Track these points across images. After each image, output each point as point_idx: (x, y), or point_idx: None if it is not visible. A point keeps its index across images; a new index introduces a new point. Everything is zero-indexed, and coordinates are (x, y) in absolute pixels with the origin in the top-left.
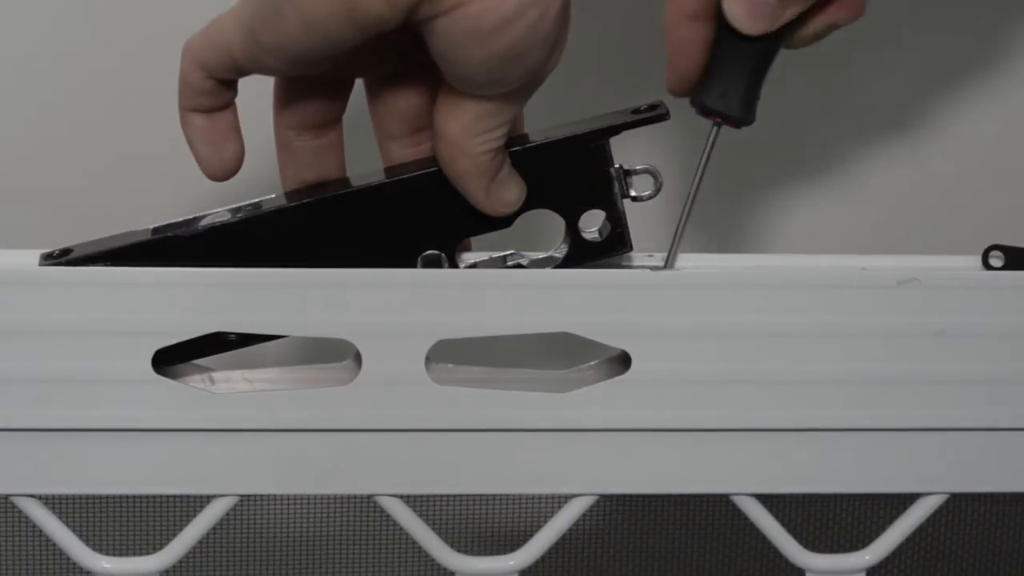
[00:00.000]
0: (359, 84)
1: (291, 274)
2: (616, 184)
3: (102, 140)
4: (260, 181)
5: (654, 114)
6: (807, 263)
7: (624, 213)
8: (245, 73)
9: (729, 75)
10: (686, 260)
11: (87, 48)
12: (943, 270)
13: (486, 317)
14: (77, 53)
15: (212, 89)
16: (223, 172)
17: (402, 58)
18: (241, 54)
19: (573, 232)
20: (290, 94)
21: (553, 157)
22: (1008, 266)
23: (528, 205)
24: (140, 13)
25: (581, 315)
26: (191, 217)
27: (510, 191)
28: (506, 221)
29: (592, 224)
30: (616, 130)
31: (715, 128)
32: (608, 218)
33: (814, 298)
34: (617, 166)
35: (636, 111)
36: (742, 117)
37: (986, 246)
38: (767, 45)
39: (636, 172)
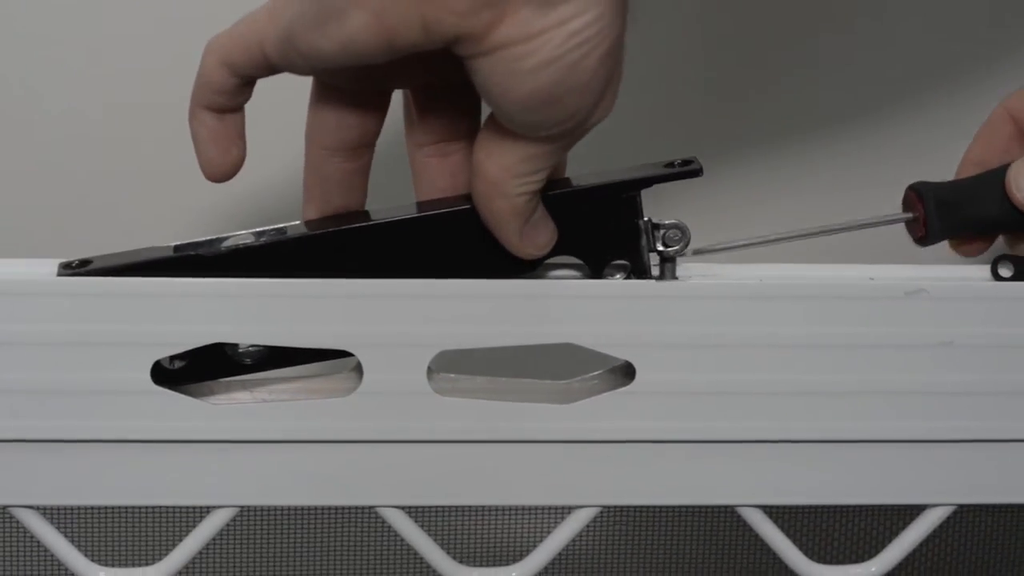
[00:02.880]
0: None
1: (292, 285)
2: (644, 237)
3: (133, 152)
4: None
5: (687, 169)
6: (814, 273)
7: (650, 266)
8: (274, 71)
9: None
10: (691, 270)
11: (117, 63)
12: (952, 280)
13: (489, 327)
14: (108, 68)
15: (232, 88)
16: (223, 175)
17: (436, 72)
18: (275, 52)
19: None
20: (326, 111)
21: (583, 204)
22: (1017, 276)
23: (555, 250)
24: (168, 28)
25: (585, 326)
26: (214, 237)
27: (542, 234)
28: (530, 265)
29: (617, 274)
30: (648, 182)
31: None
32: (633, 270)
33: (821, 308)
34: (646, 219)
35: (669, 165)
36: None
37: (995, 256)
38: None
39: (665, 227)
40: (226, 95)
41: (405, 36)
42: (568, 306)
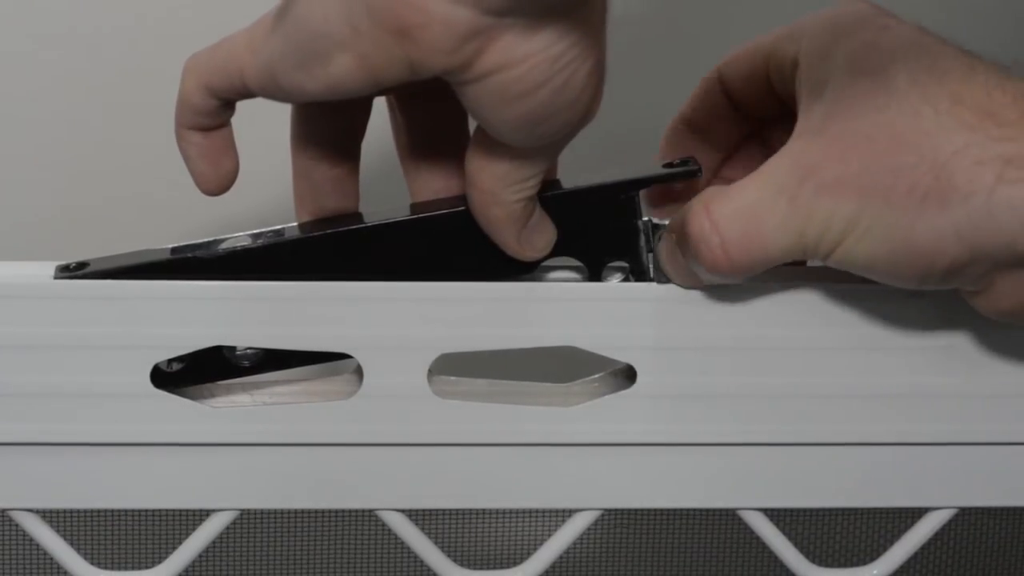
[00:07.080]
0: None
1: (293, 287)
2: (643, 237)
3: (130, 154)
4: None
5: (685, 169)
6: (815, 275)
7: (649, 268)
8: (253, 97)
9: None
10: None
11: (116, 65)
12: None
13: (489, 330)
14: (106, 70)
15: (214, 109)
16: (219, 187)
17: (418, 80)
18: (255, 84)
19: (595, 281)
20: (310, 124)
21: (581, 205)
22: None
23: (553, 252)
24: (167, 29)
25: (585, 329)
26: (211, 240)
27: (541, 237)
28: (528, 267)
29: (615, 275)
30: (646, 182)
31: None
32: (632, 271)
33: (822, 310)
34: (646, 219)
35: (668, 165)
36: None
37: None
38: None
39: (664, 227)
40: (209, 116)
41: (391, 75)
42: (569, 309)
